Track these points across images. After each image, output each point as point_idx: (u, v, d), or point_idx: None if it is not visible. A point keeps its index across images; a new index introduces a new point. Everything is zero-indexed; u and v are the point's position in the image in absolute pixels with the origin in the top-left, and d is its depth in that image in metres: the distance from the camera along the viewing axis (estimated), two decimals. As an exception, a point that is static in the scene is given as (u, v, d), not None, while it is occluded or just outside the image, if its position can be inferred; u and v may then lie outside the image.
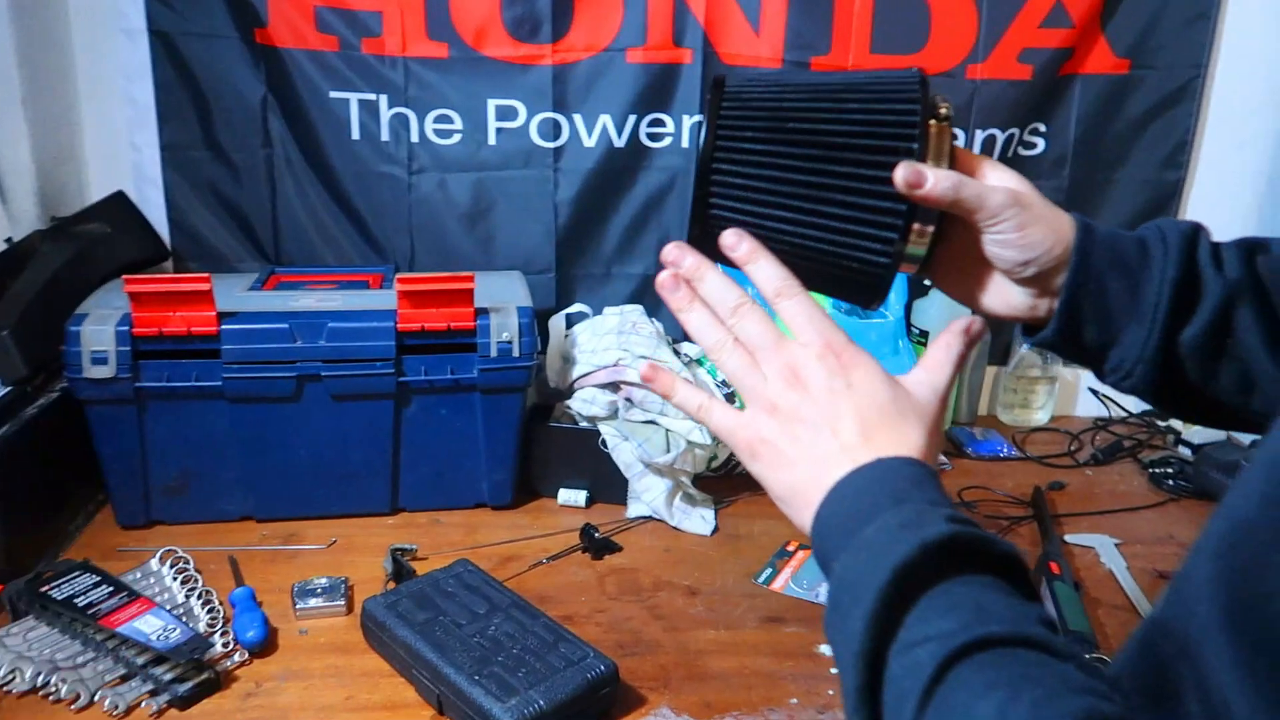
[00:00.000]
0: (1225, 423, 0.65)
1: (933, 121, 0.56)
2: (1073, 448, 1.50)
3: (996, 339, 1.57)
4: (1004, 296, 0.61)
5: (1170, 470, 1.39)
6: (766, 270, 0.55)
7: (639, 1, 1.40)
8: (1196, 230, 0.60)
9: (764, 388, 0.53)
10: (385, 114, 1.41)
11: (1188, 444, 1.46)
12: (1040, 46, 1.44)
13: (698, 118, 1.45)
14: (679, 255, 0.56)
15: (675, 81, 1.44)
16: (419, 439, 1.22)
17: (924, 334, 1.49)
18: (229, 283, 1.27)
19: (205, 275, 1.12)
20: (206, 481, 1.19)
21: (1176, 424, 1.54)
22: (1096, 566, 1.18)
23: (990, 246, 0.59)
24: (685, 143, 1.46)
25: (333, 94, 1.40)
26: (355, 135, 1.42)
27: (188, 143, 1.41)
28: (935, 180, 0.54)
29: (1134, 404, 1.61)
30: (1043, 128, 1.50)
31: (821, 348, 0.52)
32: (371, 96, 1.41)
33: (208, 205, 1.44)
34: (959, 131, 1.48)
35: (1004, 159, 1.49)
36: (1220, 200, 1.53)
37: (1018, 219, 0.57)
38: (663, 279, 0.56)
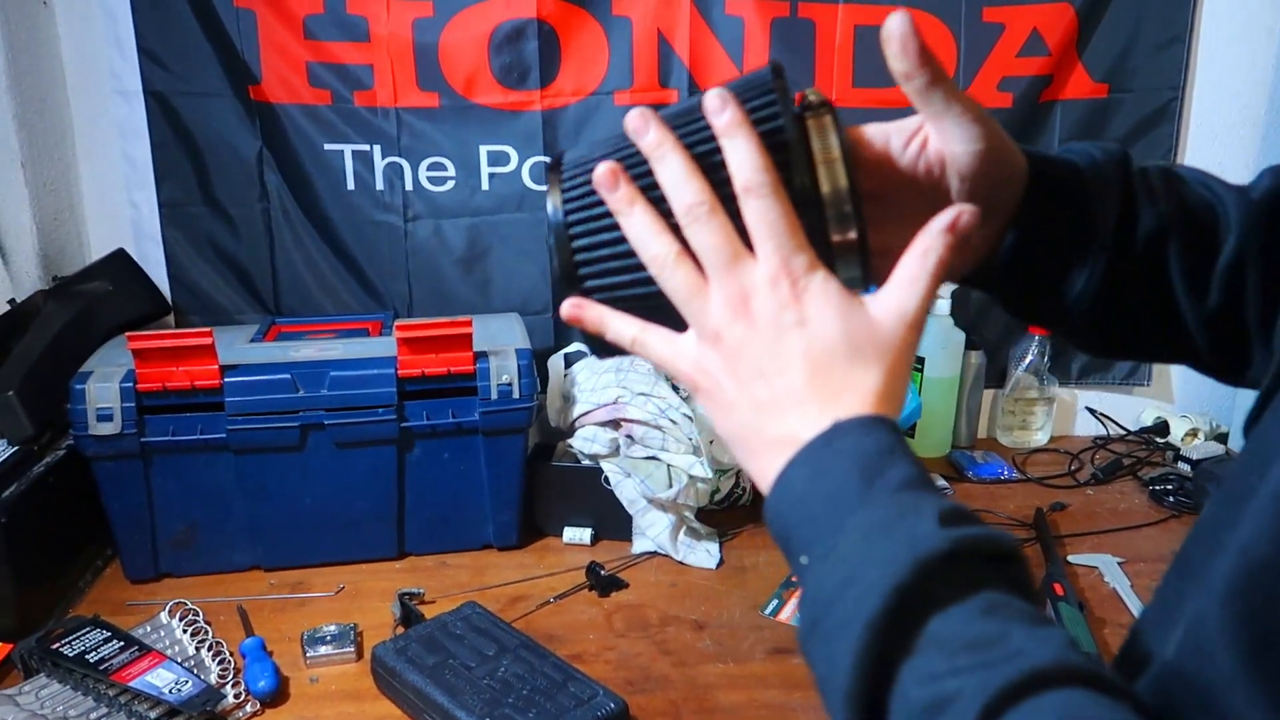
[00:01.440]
0: (1138, 353, 0.67)
1: (809, 116, 0.46)
2: (1073, 467, 1.51)
3: (992, 362, 1.58)
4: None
5: (1170, 487, 1.40)
6: (739, 155, 0.44)
7: (624, 45, 1.43)
8: (1125, 155, 0.56)
9: (708, 313, 0.45)
10: (379, 164, 1.44)
11: (1187, 460, 1.47)
12: (1019, 75, 1.47)
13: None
14: (642, 125, 0.46)
15: (663, 121, 1.46)
16: (423, 483, 1.23)
17: (920, 360, 1.50)
18: (231, 335, 1.28)
19: (207, 330, 1.14)
20: (213, 533, 1.20)
21: (1175, 441, 1.55)
22: (1100, 586, 1.18)
23: (942, 141, 0.50)
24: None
25: (327, 146, 1.42)
26: (350, 185, 1.44)
27: (185, 199, 1.43)
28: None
29: (1131, 422, 1.63)
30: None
31: (776, 270, 0.44)
32: (365, 147, 1.43)
33: (207, 260, 1.46)
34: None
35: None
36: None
37: (957, 107, 0.48)
38: (600, 173, 0.46)
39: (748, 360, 0.44)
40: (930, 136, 0.51)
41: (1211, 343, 0.56)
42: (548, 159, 1.46)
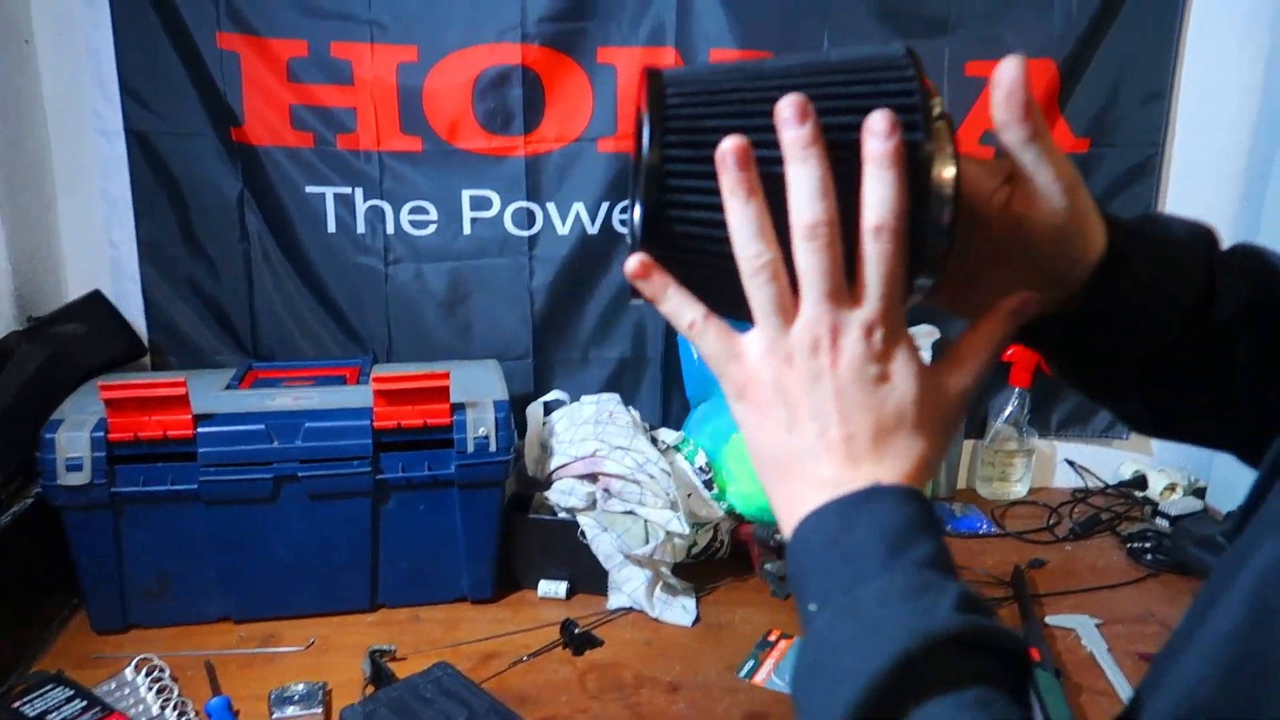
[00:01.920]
0: (1183, 435, 0.60)
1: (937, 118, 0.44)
2: (1051, 522, 1.51)
3: (972, 413, 1.58)
4: (1035, 279, 0.50)
5: (1148, 544, 1.40)
6: (883, 191, 0.42)
7: (608, 92, 1.43)
8: (1211, 235, 0.53)
9: (788, 334, 0.44)
10: (361, 207, 1.43)
11: (1165, 515, 1.47)
12: (1002, 129, 1.48)
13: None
14: (798, 116, 0.42)
15: (647, 169, 1.46)
16: (398, 535, 1.22)
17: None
18: (205, 381, 1.27)
19: (180, 379, 1.13)
20: (184, 584, 1.18)
21: (1154, 495, 1.56)
22: (1078, 649, 1.18)
23: (1025, 202, 0.48)
24: (658, 228, 1.48)
25: (308, 188, 1.42)
26: (331, 228, 1.44)
27: (165, 239, 1.42)
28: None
29: (1110, 474, 1.63)
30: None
31: (876, 317, 0.43)
32: (347, 190, 1.43)
33: (185, 300, 1.45)
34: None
35: (971, 237, 1.52)
36: (1184, 272, 1.56)
37: (1051, 171, 0.47)
38: (731, 147, 0.42)
39: (818, 396, 0.44)
40: (1016, 191, 0.49)
41: (1261, 435, 0.52)
42: (530, 204, 1.45)
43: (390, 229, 1.44)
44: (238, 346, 1.47)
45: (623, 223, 1.48)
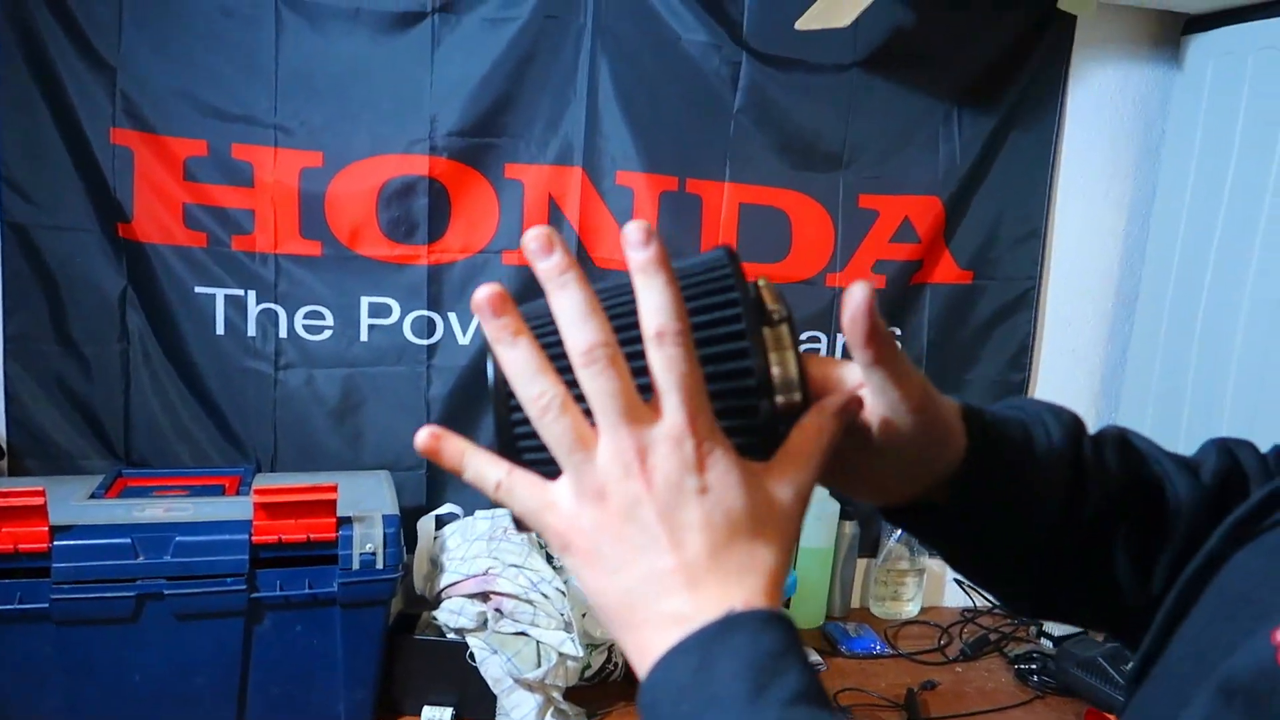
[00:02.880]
0: (1073, 620, 0.60)
1: (765, 329, 0.44)
2: (942, 642, 1.52)
3: (866, 532, 1.60)
4: (903, 475, 0.50)
5: (1034, 666, 1.42)
6: (655, 298, 0.41)
7: (515, 207, 1.44)
8: (1079, 425, 0.53)
9: (593, 468, 0.41)
10: (253, 309, 1.39)
11: (1048, 636, 1.50)
12: (892, 259, 1.55)
13: (572, 317, 1.47)
14: (544, 245, 0.41)
15: (551, 283, 1.47)
16: (270, 659, 1.14)
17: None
18: (68, 489, 1.19)
19: (39, 488, 1.05)
20: (22, 714, 1.07)
21: (1037, 614, 1.59)
22: (970, 776, 1.17)
23: (875, 407, 0.48)
24: (560, 341, 1.48)
25: (198, 289, 1.37)
26: (220, 330, 1.38)
27: (35, 335, 1.34)
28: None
29: (997, 594, 1.66)
30: (898, 332, 1.60)
31: (681, 427, 0.40)
32: (239, 292, 1.38)
33: (53, 400, 1.36)
34: (822, 336, 1.56)
35: (864, 360, 1.57)
36: (1060, 398, 1.64)
37: (896, 393, 0.46)
38: (483, 296, 0.41)
39: (639, 525, 0.40)
40: (866, 396, 0.48)
41: (1145, 621, 0.52)
42: (431, 313, 1.44)
43: (283, 333, 1.40)
44: (108, 451, 1.38)
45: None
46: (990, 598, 1.64)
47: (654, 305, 0.40)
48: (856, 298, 0.42)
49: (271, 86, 1.34)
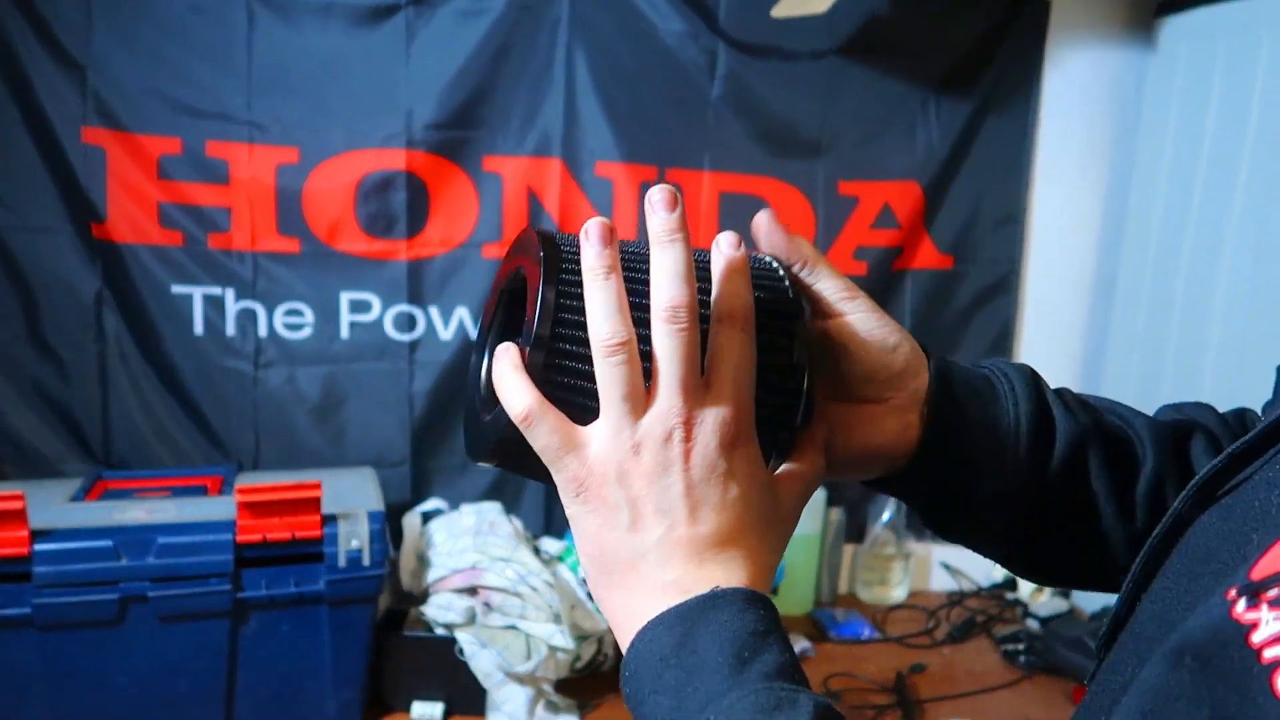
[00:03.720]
0: (1065, 576, 0.59)
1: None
2: (930, 625, 1.53)
3: (852, 518, 1.61)
4: (878, 426, 0.51)
5: (1021, 646, 1.43)
6: (735, 286, 0.43)
7: (494, 199, 1.44)
8: (1034, 372, 0.54)
9: (639, 422, 0.41)
10: (231, 308, 1.38)
11: (1035, 616, 1.51)
12: (873, 245, 1.56)
13: (554, 310, 1.47)
14: (668, 200, 0.42)
15: (532, 275, 1.47)
16: (257, 659, 1.13)
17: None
18: (48, 493, 1.17)
19: (18, 492, 1.03)
20: (6, 722, 1.06)
21: (1024, 597, 1.60)
22: (961, 756, 1.18)
23: (855, 327, 0.49)
24: (543, 334, 1.47)
25: (175, 289, 1.36)
26: (199, 330, 1.37)
27: (9, 338, 1.33)
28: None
29: (984, 577, 1.67)
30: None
31: (729, 414, 0.42)
32: (217, 291, 1.37)
33: (30, 404, 1.34)
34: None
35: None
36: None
37: (823, 263, 0.50)
38: (594, 224, 0.42)
39: (666, 490, 0.41)
40: (826, 325, 0.50)
41: None
42: (412, 308, 1.43)
43: (263, 331, 1.39)
44: (87, 455, 1.36)
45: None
46: (983, 581, 1.65)
47: (733, 290, 0.43)
48: (761, 220, 0.49)
49: (245, 82, 1.33)
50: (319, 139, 1.36)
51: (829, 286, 0.49)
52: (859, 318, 0.49)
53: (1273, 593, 0.31)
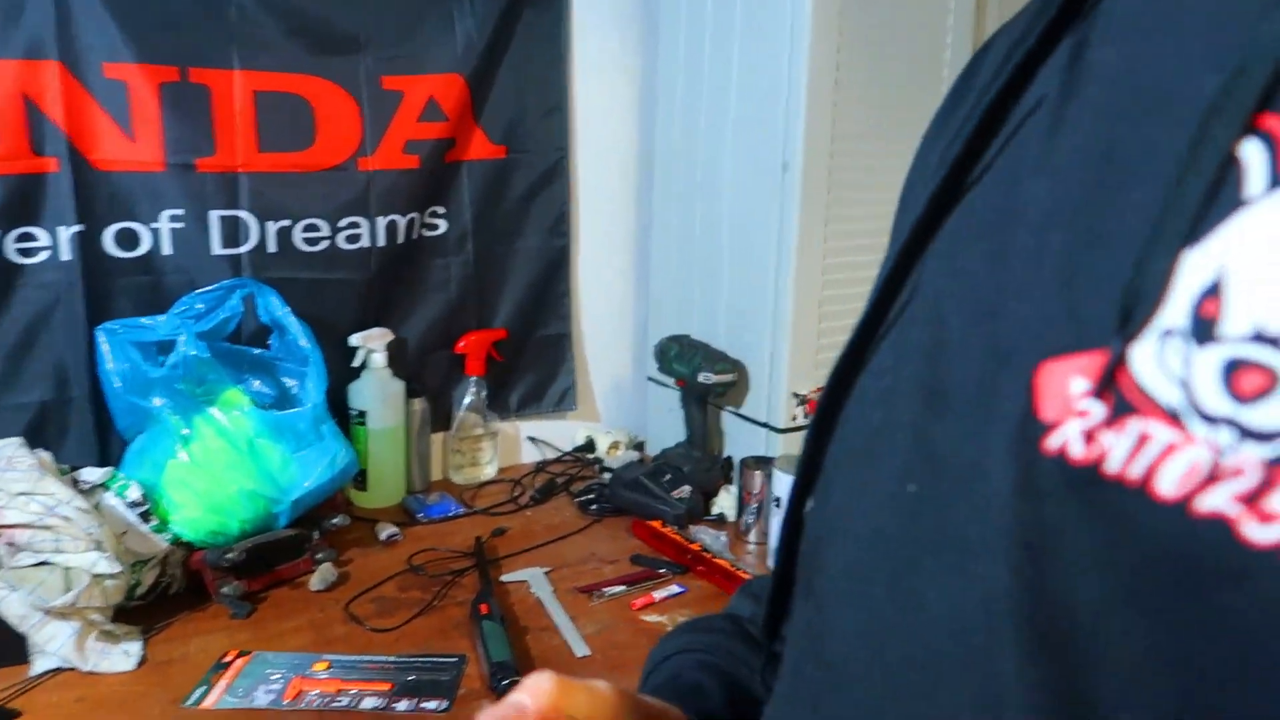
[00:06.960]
0: None
1: None
2: (515, 494, 1.64)
3: (437, 406, 1.67)
4: None
5: (593, 496, 1.58)
6: None
7: (-15, 108, 1.28)
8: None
9: None
10: None
11: (608, 470, 1.67)
12: (423, 139, 1.58)
13: (76, 228, 1.36)
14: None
15: (42, 192, 1.34)
16: None
17: (362, 414, 1.54)
18: None
19: None
20: None
21: (602, 455, 1.76)
22: (528, 597, 1.30)
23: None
24: (65, 255, 1.36)
25: None
26: None
27: None
28: None
29: (567, 443, 1.81)
30: (441, 210, 1.65)
31: None
32: None
33: None
34: (362, 220, 1.56)
35: (409, 241, 1.61)
36: (600, 259, 1.81)
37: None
38: None
39: None
40: None
41: None
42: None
43: None
44: None
45: (22, 253, 1.33)
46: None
47: None
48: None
49: None
50: None
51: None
52: None
53: None
